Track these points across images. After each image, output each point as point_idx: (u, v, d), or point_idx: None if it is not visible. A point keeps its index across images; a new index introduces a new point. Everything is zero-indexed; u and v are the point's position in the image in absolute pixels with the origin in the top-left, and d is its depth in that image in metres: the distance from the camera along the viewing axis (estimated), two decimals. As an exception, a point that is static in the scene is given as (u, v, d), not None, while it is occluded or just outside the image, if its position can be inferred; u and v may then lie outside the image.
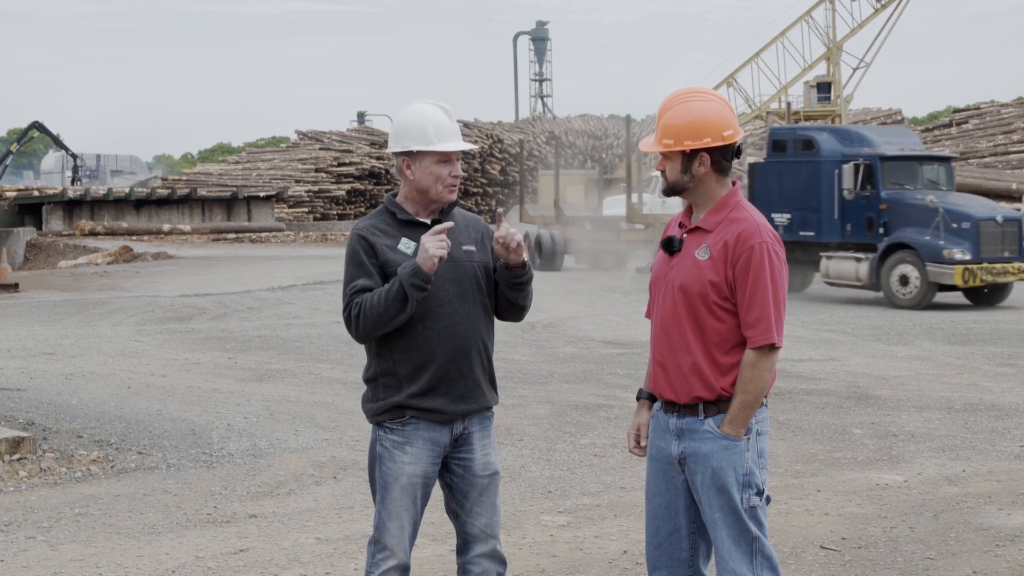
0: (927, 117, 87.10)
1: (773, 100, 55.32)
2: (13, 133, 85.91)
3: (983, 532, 6.50)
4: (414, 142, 4.10)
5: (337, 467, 8.09)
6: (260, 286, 23.33)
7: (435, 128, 4.11)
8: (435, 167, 4.11)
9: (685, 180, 3.91)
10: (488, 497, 4.19)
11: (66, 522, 6.72)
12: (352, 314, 4.03)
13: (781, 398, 10.67)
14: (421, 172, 4.11)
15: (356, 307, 4.02)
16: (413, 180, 4.13)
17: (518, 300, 4.18)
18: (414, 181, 4.13)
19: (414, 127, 4.11)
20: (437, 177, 4.11)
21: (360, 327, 4.02)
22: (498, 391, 4.29)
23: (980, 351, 14.36)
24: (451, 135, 4.13)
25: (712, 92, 3.99)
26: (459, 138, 4.17)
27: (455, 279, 4.11)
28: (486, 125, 64.47)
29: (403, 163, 4.14)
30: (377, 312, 3.98)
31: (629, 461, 8.12)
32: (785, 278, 3.88)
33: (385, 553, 4.10)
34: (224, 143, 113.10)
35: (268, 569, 5.86)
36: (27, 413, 9.71)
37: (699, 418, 3.87)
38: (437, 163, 4.11)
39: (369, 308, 3.98)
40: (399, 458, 4.09)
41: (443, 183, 4.11)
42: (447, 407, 4.09)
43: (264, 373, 12.40)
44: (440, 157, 4.11)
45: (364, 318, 4.00)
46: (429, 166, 4.11)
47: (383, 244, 4.08)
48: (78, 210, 45.62)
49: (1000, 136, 51.54)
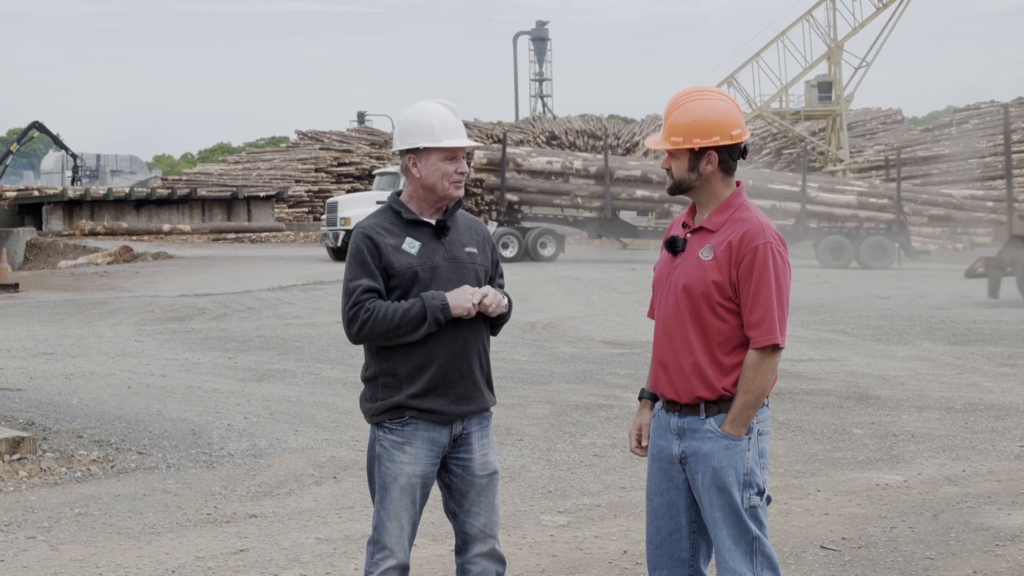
0: (927, 117, 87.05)
1: (774, 100, 55.35)
2: (13, 133, 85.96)
3: (983, 532, 6.50)
4: (421, 139, 4.11)
5: (337, 467, 8.08)
6: (260, 286, 23.32)
7: (441, 125, 4.11)
8: (442, 164, 4.11)
9: (692, 178, 3.91)
10: (487, 497, 4.19)
11: (66, 522, 6.72)
12: (361, 317, 4.00)
13: (781, 398, 10.67)
14: (428, 169, 4.11)
15: (367, 312, 3.99)
16: (419, 178, 4.13)
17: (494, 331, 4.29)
18: (420, 179, 4.12)
19: (420, 124, 4.12)
20: (444, 174, 4.11)
21: (364, 333, 4.01)
22: (495, 392, 4.29)
23: (980, 351, 14.36)
24: (457, 132, 4.15)
25: (719, 91, 3.99)
26: (464, 135, 4.18)
27: (457, 280, 4.11)
28: (486, 125, 64.51)
29: (409, 161, 4.14)
30: (388, 326, 3.98)
31: (629, 461, 8.12)
32: (788, 279, 3.87)
33: (384, 553, 4.10)
34: (224, 143, 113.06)
35: (268, 569, 5.86)
36: (27, 413, 9.70)
37: (700, 417, 3.87)
38: (444, 160, 4.11)
39: (381, 319, 3.98)
40: (398, 458, 4.08)
41: (450, 179, 4.12)
42: (447, 408, 4.09)
43: (264, 373, 12.40)
44: (447, 154, 4.11)
45: (373, 326, 3.99)
46: (436, 163, 4.11)
47: (388, 244, 4.07)
48: (78, 210, 45.61)
49: (1000, 136, 51.52)
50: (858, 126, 62.68)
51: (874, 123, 64.18)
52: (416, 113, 4.14)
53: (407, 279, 4.05)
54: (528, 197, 33.57)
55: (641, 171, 34.88)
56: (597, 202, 34.03)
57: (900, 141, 57.44)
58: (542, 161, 34.10)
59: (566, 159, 34.74)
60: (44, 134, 62.12)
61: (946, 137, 54.71)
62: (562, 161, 34.31)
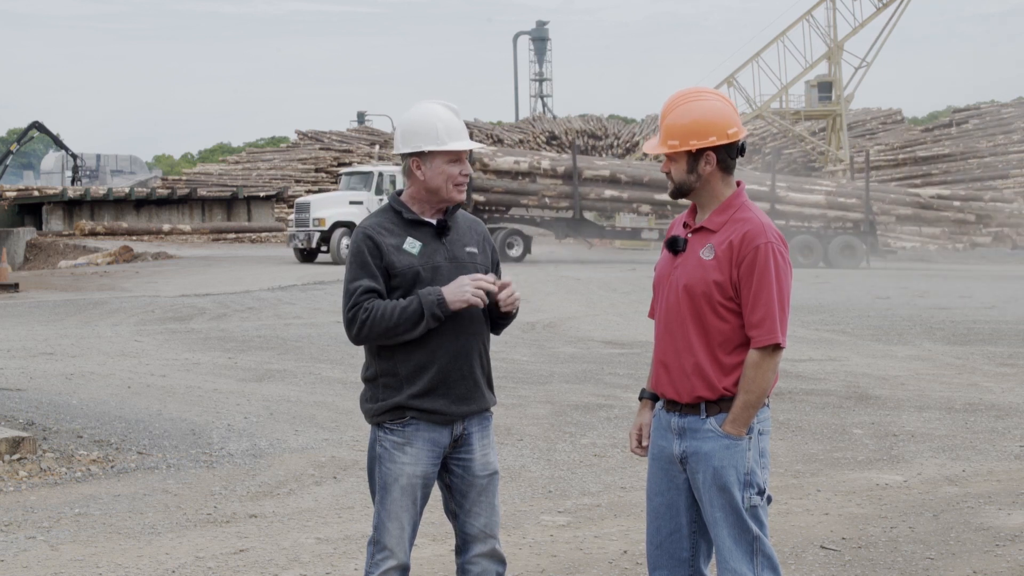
0: (927, 117, 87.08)
1: (774, 100, 55.36)
2: (13, 133, 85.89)
3: (983, 532, 6.50)
4: (425, 142, 4.09)
5: (337, 467, 8.08)
6: (260, 286, 23.33)
7: (445, 127, 4.10)
8: (446, 166, 4.10)
9: (691, 180, 3.90)
10: (487, 497, 4.19)
11: (66, 522, 6.71)
12: (360, 318, 3.99)
13: (781, 398, 10.67)
14: (432, 172, 4.10)
15: (365, 312, 3.98)
16: (423, 180, 4.11)
17: (497, 330, 4.29)
18: (424, 181, 4.11)
19: (424, 127, 4.10)
20: (448, 176, 4.10)
21: (364, 333, 4.00)
22: (495, 392, 4.29)
23: (980, 351, 14.36)
24: (461, 134, 4.14)
25: (714, 91, 3.99)
26: (467, 137, 4.17)
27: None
28: (486, 125, 64.51)
29: (413, 163, 4.12)
30: (387, 325, 3.96)
31: (629, 461, 8.12)
32: (789, 279, 3.87)
33: (385, 553, 4.09)
34: (224, 143, 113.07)
35: (268, 569, 5.86)
36: (27, 413, 9.70)
37: (701, 417, 3.87)
38: (448, 162, 4.10)
39: (379, 318, 3.96)
40: (399, 459, 4.08)
41: (454, 182, 4.11)
42: (448, 408, 4.08)
43: (264, 373, 12.39)
44: (451, 156, 4.10)
45: (372, 326, 3.98)
46: (440, 165, 4.10)
47: (389, 244, 4.06)
48: (78, 210, 45.59)
49: (1000, 136, 51.56)
50: (858, 126, 62.73)
51: (874, 123, 64.23)
52: (419, 115, 4.13)
53: (408, 279, 4.05)
54: (495, 197, 33.22)
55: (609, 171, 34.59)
56: (565, 202, 33.72)
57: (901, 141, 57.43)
58: (509, 161, 33.72)
59: (533, 159, 34.29)
60: (44, 134, 62.10)
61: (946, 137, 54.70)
62: (529, 161, 33.87)
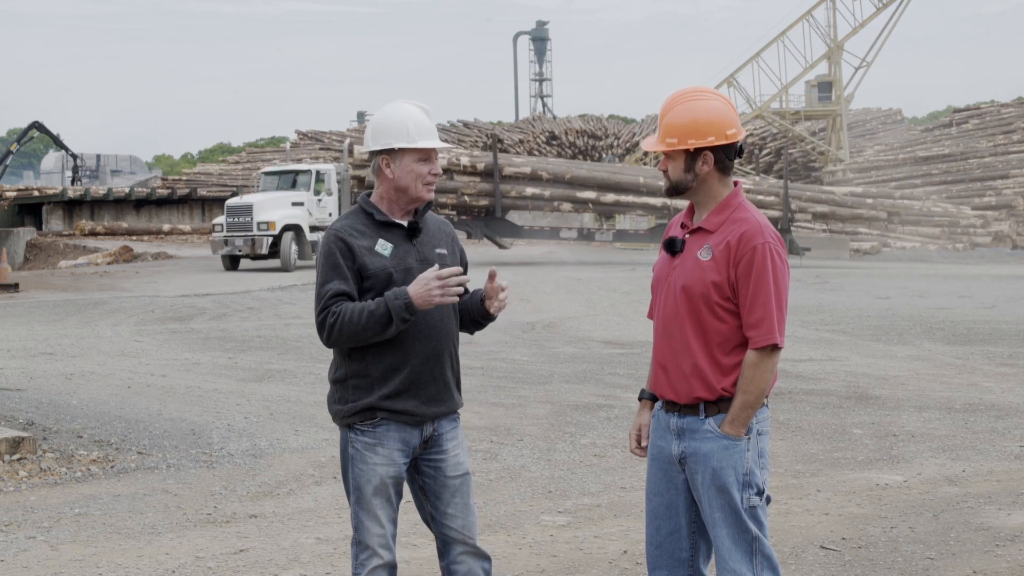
0: (927, 117, 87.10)
1: (774, 100, 55.35)
2: (13, 133, 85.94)
3: (983, 532, 6.50)
4: (395, 139, 4.09)
5: (337, 467, 8.08)
6: (260, 286, 23.33)
7: (416, 126, 4.11)
8: (415, 165, 4.10)
9: (688, 179, 3.91)
10: (461, 498, 4.18)
11: (66, 522, 6.72)
12: (328, 322, 3.97)
13: (781, 398, 10.67)
14: (401, 170, 4.10)
15: (333, 315, 3.96)
16: (392, 179, 4.11)
17: (474, 330, 4.29)
18: (393, 180, 4.11)
19: (395, 125, 4.11)
20: (417, 175, 4.10)
21: (334, 337, 3.98)
22: (462, 394, 4.29)
23: (980, 351, 14.36)
24: (431, 133, 4.15)
25: (714, 91, 3.99)
26: (437, 137, 4.18)
27: None
28: (486, 125, 64.49)
29: (382, 161, 4.12)
30: (355, 328, 3.94)
31: (629, 461, 8.12)
32: (787, 279, 3.87)
33: (368, 553, 4.10)
34: (224, 143, 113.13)
35: (268, 569, 5.86)
36: (27, 413, 9.70)
37: (700, 418, 3.87)
38: (417, 161, 4.10)
39: (347, 322, 3.94)
40: (371, 459, 4.07)
41: (423, 181, 4.11)
42: (418, 409, 4.08)
43: (264, 373, 12.40)
44: (421, 155, 4.10)
45: (340, 330, 3.96)
46: (410, 164, 4.10)
47: (361, 246, 4.05)
48: (78, 210, 45.58)
49: (1000, 136, 51.55)
50: (858, 126, 62.72)
51: (874, 123, 64.22)
52: (390, 114, 4.14)
53: (381, 281, 4.03)
54: None
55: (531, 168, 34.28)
56: (485, 200, 33.36)
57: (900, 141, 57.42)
58: None
59: (451, 155, 33.70)
60: (44, 134, 62.06)
61: (946, 137, 54.69)
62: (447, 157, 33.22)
